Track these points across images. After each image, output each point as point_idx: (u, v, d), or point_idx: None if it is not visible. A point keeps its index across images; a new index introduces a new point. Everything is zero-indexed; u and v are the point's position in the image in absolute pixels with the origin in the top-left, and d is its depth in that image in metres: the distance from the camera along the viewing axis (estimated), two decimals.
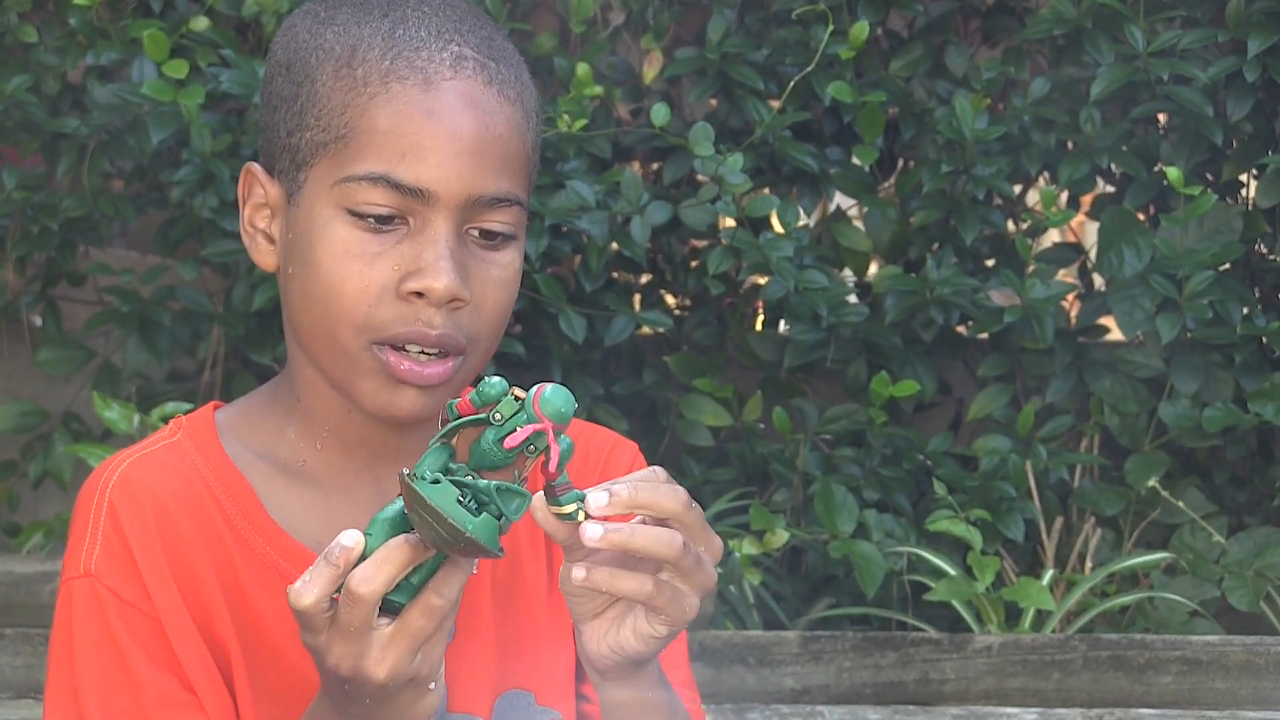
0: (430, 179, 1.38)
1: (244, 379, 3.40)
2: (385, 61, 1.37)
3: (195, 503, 1.47)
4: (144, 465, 1.49)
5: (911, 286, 3.22)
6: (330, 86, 1.38)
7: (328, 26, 1.41)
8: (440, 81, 1.37)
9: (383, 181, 1.38)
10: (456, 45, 1.39)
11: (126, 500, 1.45)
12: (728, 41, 3.32)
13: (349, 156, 1.39)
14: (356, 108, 1.37)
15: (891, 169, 3.55)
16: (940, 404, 3.48)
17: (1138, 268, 3.18)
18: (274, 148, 1.45)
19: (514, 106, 1.42)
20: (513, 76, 1.43)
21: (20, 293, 3.45)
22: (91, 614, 1.42)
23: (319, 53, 1.40)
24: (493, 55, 1.42)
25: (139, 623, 1.42)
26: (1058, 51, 3.38)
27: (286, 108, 1.42)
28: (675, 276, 3.41)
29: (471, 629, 1.51)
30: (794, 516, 3.20)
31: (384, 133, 1.37)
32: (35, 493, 3.47)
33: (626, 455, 1.63)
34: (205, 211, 3.18)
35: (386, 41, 1.38)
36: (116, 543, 1.44)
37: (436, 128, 1.37)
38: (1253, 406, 3.14)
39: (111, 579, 1.42)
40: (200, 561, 1.45)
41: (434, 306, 1.41)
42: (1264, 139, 3.38)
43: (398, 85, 1.37)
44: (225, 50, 3.22)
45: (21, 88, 3.21)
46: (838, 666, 2.74)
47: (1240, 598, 3.04)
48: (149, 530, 1.45)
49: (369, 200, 1.39)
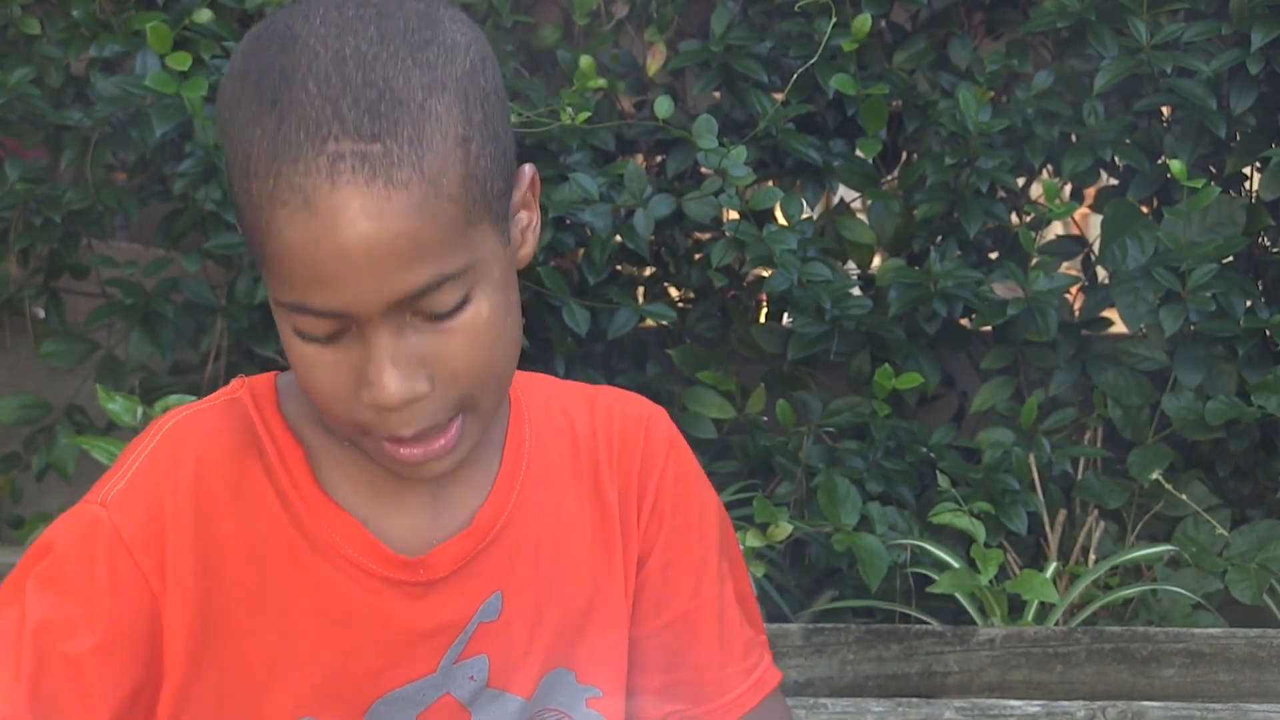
0: (341, 303, 1.31)
1: (247, 371, 3.38)
2: (269, 182, 1.28)
3: (242, 464, 1.44)
4: (200, 419, 1.46)
5: (915, 279, 3.22)
6: (241, 196, 1.32)
7: (235, 111, 1.32)
8: (319, 201, 1.28)
9: (304, 309, 1.32)
10: (334, 141, 1.27)
11: (169, 451, 1.43)
12: (731, 34, 3.32)
13: (271, 278, 1.33)
14: (260, 229, 1.31)
15: (895, 161, 3.55)
16: (943, 397, 3.48)
17: (1141, 260, 3.18)
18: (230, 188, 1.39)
19: (410, 188, 1.28)
20: (406, 142, 1.29)
21: (23, 285, 3.45)
22: (85, 536, 1.40)
23: (229, 147, 1.33)
24: (377, 130, 1.28)
25: (123, 566, 1.39)
26: (1061, 44, 3.38)
27: (227, 176, 1.36)
28: (678, 269, 3.41)
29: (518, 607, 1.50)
30: (797, 509, 3.21)
31: (285, 261, 1.30)
32: (38, 485, 3.47)
33: (662, 439, 1.59)
34: (208, 204, 3.18)
35: (270, 151, 1.29)
36: (141, 488, 1.42)
37: (325, 253, 1.28)
38: (1256, 399, 3.14)
39: (120, 515, 1.40)
40: (228, 529, 1.43)
41: (396, 412, 1.36)
42: (1267, 132, 3.38)
43: (283, 211, 1.28)
44: (228, 42, 3.22)
45: (24, 80, 3.21)
46: (841, 659, 2.74)
47: (1243, 590, 3.04)
48: (181, 492, 1.42)
49: (303, 326, 1.33)
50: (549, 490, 1.51)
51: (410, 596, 1.45)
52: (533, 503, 1.50)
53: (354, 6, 1.34)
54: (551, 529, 1.51)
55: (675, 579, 1.57)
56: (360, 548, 1.44)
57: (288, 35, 1.32)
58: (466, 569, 1.47)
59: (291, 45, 1.31)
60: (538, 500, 1.50)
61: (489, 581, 1.48)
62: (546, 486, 1.52)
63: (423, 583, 1.45)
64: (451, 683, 1.47)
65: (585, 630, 1.53)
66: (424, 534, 1.46)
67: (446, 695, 1.47)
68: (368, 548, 1.44)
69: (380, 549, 1.44)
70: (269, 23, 1.36)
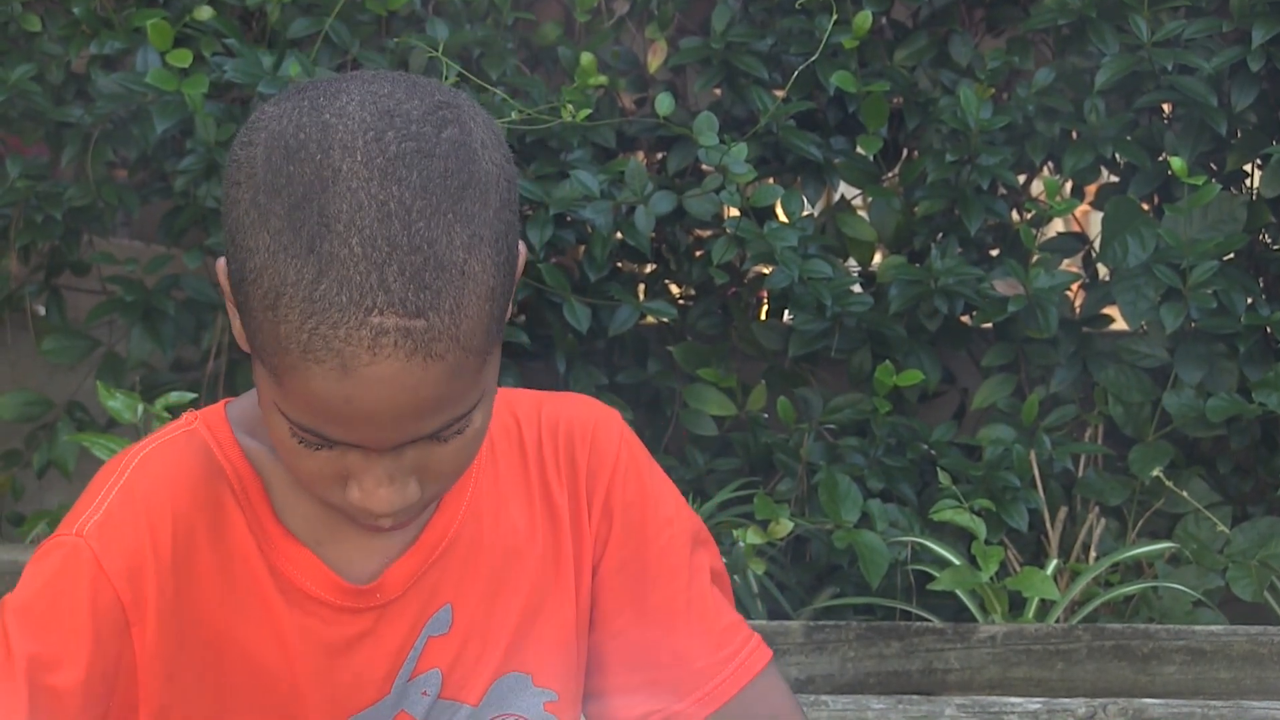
0: (358, 439, 1.31)
1: (248, 369, 3.37)
2: (304, 334, 1.26)
3: (215, 494, 1.43)
4: (168, 452, 1.44)
5: (916, 276, 3.22)
6: (260, 316, 1.28)
7: (259, 230, 1.27)
8: (357, 369, 1.26)
9: (313, 433, 1.32)
10: (378, 314, 1.25)
11: (144, 483, 1.42)
12: (732, 31, 3.32)
13: (281, 394, 1.31)
14: (283, 363, 1.28)
15: (896, 159, 3.55)
16: (944, 394, 3.48)
17: (1142, 257, 3.18)
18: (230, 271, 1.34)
19: (445, 358, 1.27)
20: (446, 313, 1.27)
21: (24, 282, 3.45)
22: (65, 567, 1.38)
23: (246, 259, 1.28)
24: (421, 305, 1.25)
25: (104, 597, 1.38)
26: (1062, 41, 3.38)
27: (230, 264, 1.32)
28: (679, 266, 3.41)
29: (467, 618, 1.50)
30: (798, 506, 3.21)
31: (306, 401, 1.29)
32: (39, 482, 3.47)
33: (611, 440, 1.56)
34: (209, 201, 3.18)
35: (307, 304, 1.25)
36: (119, 520, 1.40)
37: (354, 410, 1.28)
38: (1257, 396, 3.14)
39: (99, 544, 1.39)
40: (205, 558, 1.42)
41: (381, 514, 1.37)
42: (1268, 129, 3.38)
43: (316, 367, 1.26)
44: (229, 39, 3.22)
45: (25, 77, 3.21)
46: (842, 656, 2.74)
47: (1244, 588, 3.04)
48: (159, 523, 1.41)
49: (305, 438, 1.33)
50: (497, 498, 1.49)
51: (366, 623, 1.44)
52: (482, 511, 1.48)
53: (391, 131, 1.28)
54: (500, 536, 1.49)
55: (631, 580, 1.55)
56: (316, 580, 1.43)
57: (325, 167, 1.26)
58: (417, 585, 1.46)
59: (331, 183, 1.26)
60: (487, 508, 1.48)
61: (439, 595, 1.47)
62: (495, 494, 1.50)
63: (375, 608, 1.44)
64: (406, 700, 1.46)
65: (537, 635, 1.52)
66: (376, 555, 1.45)
67: (401, 713, 1.47)
68: (322, 580, 1.43)
69: (334, 580, 1.43)
70: (299, 129, 1.28)
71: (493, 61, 3.29)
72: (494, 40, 3.31)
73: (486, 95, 3.22)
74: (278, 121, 1.30)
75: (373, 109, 1.28)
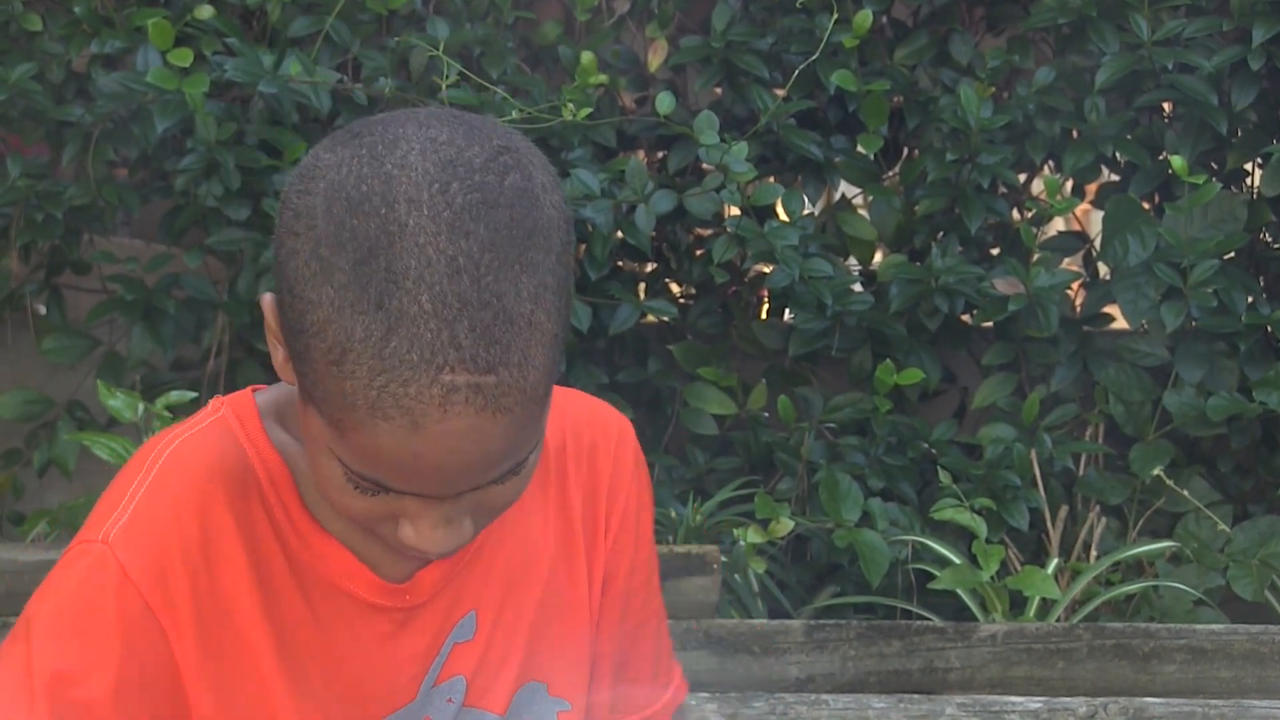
0: (422, 489, 1.30)
1: (249, 367, 3.40)
2: (372, 390, 1.24)
3: (244, 493, 1.41)
4: (195, 447, 1.42)
5: (916, 275, 3.22)
6: (322, 369, 1.27)
7: (323, 283, 1.26)
8: (428, 426, 1.25)
9: (373, 482, 1.30)
10: (450, 371, 1.24)
11: (171, 482, 1.40)
12: (732, 30, 3.32)
13: (343, 445, 1.29)
14: (347, 418, 1.27)
15: (896, 157, 3.55)
16: (945, 392, 3.48)
17: (1142, 256, 3.18)
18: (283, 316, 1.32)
19: (514, 410, 1.27)
20: (515, 367, 1.26)
21: (25, 281, 3.45)
22: (89, 577, 1.36)
23: (313, 311, 1.26)
24: (491, 361, 1.25)
25: (132, 604, 1.36)
26: (1062, 40, 3.38)
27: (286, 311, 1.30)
28: (680, 265, 3.41)
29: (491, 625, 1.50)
30: (798, 505, 3.21)
31: (370, 455, 1.28)
32: (40, 481, 3.47)
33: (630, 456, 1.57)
34: (209, 200, 3.18)
35: (376, 361, 1.24)
36: (145, 523, 1.38)
37: (422, 464, 1.27)
38: (1257, 395, 3.14)
39: (125, 552, 1.37)
40: (235, 561, 1.40)
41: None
42: (1268, 128, 3.38)
43: (384, 424, 1.25)
44: (230, 39, 3.22)
45: (26, 76, 3.21)
46: (842, 655, 2.74)
47: (1245, 586, 3.04)
48: (188, 521, 1.39)
49: (364, 483, 1.31)
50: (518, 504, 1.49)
51: (394, 623, 1.44)
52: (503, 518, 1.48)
53: (456, 182, 1.26)
54: (518, 543, 1.50)
55: (635, 590, 1.57)
56: (350, 575, 1.42)
57: (390, 221, 1.25)
58: (445, 589, 1.46)
59: (398, 237, 1.24)
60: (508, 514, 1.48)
61: (464, 602, 1.47)
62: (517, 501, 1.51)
63: (405, 609, 1.44)
64: (431, 706, 1.46)
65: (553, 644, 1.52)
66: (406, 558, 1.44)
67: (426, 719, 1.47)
68: (357, 575, 1.42)
69: (369, 576, 1.42)
70: (360, 180, 1.26)
71: (493, 60, 3.30)
72: (494, 39, 3.31)
73: (487, 94, 3.22)
74: (336, 171, 1.27)
75: (434, 158, 1.26)
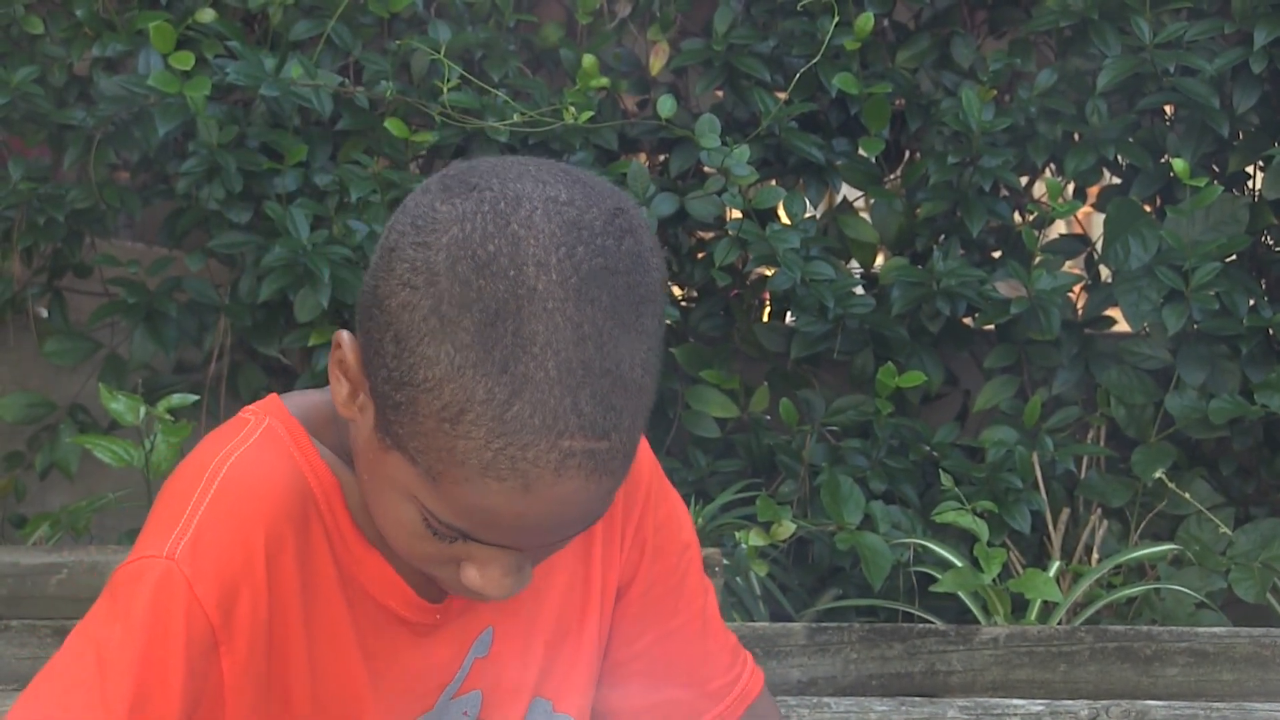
0: (512, 544, 1.32)
1: (250, 370, 3.40)
2: (488, 453, 1.25)
3: (304, 512, 1.39)
4: (253, 463, 1.39)
5: (918, 278, 3.22)
6: (431, 425, 1.26)
7: (445, 337, 1.25)
8: (541, 489, 1.26)
9: (462, 534, 1.31)
10: (569, 438, 1.25)
11: (235, 502, 1.37)
12: (734, 33, 3.32)
13: (434, 495, 1.29)
14: (455, 474, 1.27)
15: (898, 160, 3.55)
16: (947, 395, 3.48)
17: (1144, 259, 3.18)
18: (368, 360, 1.32)
19: (618, 473, 1.29)
20: (625, 431, 1.28)
21: (26, 284, 3.45)
22: (158, 596, 1.33)
23: (430, 367, 1.26)
24: (607, 428, 1.26)
25: (197, 625, 1.34)
26: (1064, 43, 3.38)
27: (387, 361, 1.29)
28: (682, 268, 3.41)
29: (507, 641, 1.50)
30: (800, 508, 3.21)
31: (472, 509, 1.28)
32: (41, 484, 3.47)
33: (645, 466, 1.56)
34: (211, 203, 3.18)
35: (496, 423, 1.24)
36: (210, 541, 1.35)
37: (526, 524, 1.29)
38: (1259, 398, 3.14)
39: (191, 569, 1.34)
40: (294, 580, 1.39)
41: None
42: (1270, 130, 3.38)
43: (495, 484, 1.26)
44: (231, 42, 3.22)
45: (28, 79, 3.21)
46: (844, 658, 2.74)
47: (1247, 589, 3.04)
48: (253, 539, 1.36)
49: (446, 531, 1.32)
50: None
51: (417, 635, 1.44)
52: None
53: (581, 246, 1.27)
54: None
55: (656, 601, 1.56)
56: (389, 590, 1.42)
57: (519, 284, 1.25)
58: (469, 606, 1.46)
59: (527, 301, 1.24)
60: None
61: (483, 617, 1.47)
62: None
63: (430, 623, 1.44)
64: (447, 717, 1.46)
65: (561, 660, 1.52)
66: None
67: None
68: (396, 591, 1.42)
69: (407, 593, 1.42)
70: (485, 239, 1.26)
71: (494, 63, 3.30)
72: (496, 42, 3.31)
73: (488, 97, 3.22)
74: (460, 226, 1.27)
75: (559, 220, 1.27)
